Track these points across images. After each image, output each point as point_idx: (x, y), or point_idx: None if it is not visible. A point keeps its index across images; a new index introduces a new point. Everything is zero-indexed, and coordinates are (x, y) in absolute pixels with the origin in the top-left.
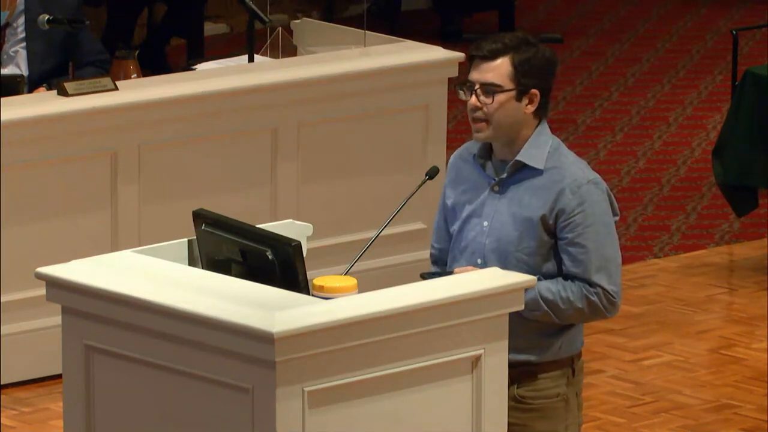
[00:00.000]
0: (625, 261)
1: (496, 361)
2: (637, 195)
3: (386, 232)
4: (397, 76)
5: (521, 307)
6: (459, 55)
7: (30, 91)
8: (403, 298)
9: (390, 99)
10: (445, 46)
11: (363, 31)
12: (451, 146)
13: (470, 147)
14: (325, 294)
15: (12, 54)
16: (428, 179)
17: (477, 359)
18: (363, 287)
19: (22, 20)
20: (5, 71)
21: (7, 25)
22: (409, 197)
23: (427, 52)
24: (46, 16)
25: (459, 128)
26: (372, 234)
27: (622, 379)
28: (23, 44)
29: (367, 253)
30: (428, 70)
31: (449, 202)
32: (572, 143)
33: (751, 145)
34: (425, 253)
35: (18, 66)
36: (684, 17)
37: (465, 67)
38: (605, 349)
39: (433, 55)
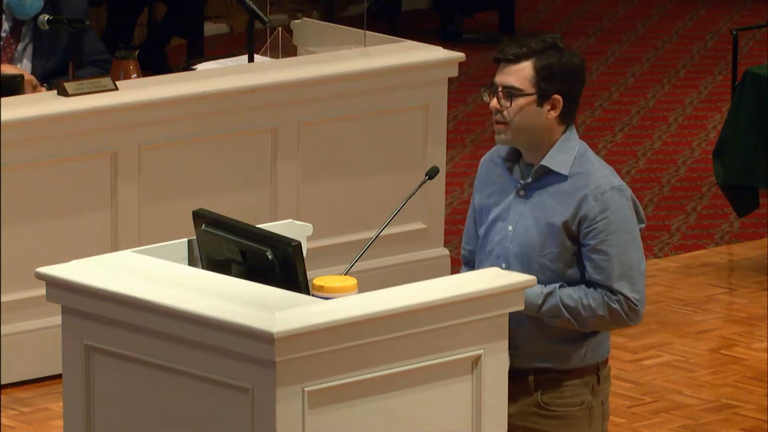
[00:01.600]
0: None
1: (496, 361)
2: (637, 195)
3: (386, 232)
4: (397, 76)
5: (521, 307)
6: (459, 55)
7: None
8: (403, 298)
9: (390, 99)
10: (445, 46)
11: (363, 31)
12: (451, 146)
13: (500, 149)
14: (325, 294)
15: (21, 52)
16: (428, 179)
17: (477, 359)
18: (363, 287)
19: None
20: (11, 71)
21: (23, 23)
22: (409, 197)
23: (427, 52)
24: (47, 16)
25: (459, 128)
26: (372, 234)
27: (622, 379)
28: (30, 43)
29: (367, 253)
30: (428, 70)
31: (477, 203)
32: None
33: (751, 145)
34: (425, 253)
35: (23, 64)
36: (684, 17)
37: (465, 67)
38: None
39: (433, 55)
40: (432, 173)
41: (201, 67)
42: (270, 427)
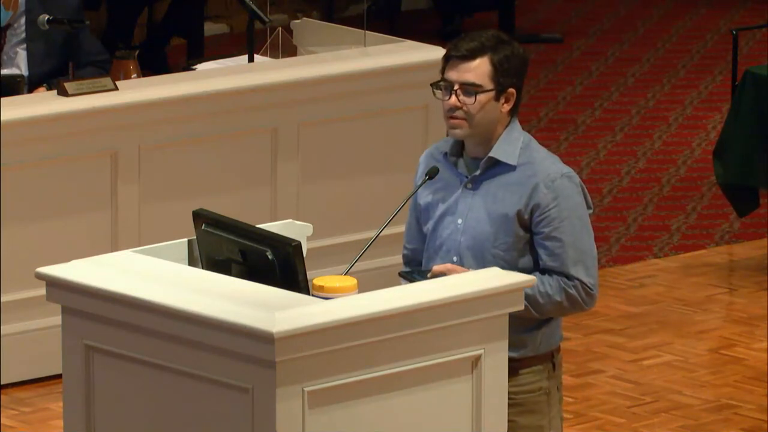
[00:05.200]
0: (625, 261)
1: (496, 361)
2: (637, 195)
3: (386, 232)
4: (397, 76)
5: (521, 308)
6: None
7: (30, 91)
8: (403, 298)
9: (390, 99)
10: (445, 46)
11: (363, 31)
12: None
13: (441, 146)
14: (325, 294)
15: (12, 55)
16: (428, 179)
17: (477, 359)
18: (363, 287)
19: (23, 21)
20: (5, 71)
21: (8, 25)
22: (409, 197)
23: (427, 52)
24: (46, 17)
25: None
26: (372, 234)
27: (622, 379)
28: (23, 45)
29: (367, 253)
30: (428, 70)
31: (422, 201)
32: (572, 143)
33: (751, 145)
34: None
35: (18, 66)
36: (684, 17)
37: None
38: (605, 349)
39: (433, 55)
40: (432, 173)
41: (201, 67)
42: (270, 427)
